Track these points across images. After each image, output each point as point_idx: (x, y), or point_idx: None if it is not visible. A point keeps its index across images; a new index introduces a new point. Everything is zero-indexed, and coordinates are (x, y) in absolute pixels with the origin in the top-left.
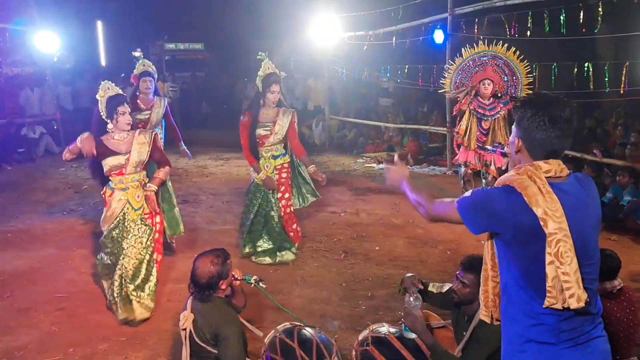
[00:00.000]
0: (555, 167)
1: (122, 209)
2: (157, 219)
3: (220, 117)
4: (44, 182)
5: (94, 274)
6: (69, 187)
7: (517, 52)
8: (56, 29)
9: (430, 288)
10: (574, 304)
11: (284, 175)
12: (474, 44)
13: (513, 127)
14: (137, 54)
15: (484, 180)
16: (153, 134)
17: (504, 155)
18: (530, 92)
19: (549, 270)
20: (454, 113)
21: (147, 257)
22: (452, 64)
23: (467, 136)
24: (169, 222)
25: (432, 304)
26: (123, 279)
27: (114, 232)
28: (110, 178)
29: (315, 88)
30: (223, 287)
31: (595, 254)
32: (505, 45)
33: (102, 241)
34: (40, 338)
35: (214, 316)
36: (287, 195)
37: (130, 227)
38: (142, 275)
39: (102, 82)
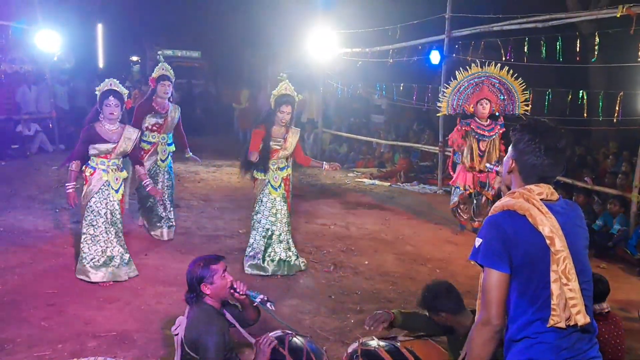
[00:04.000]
0: (546, 190)
1: (101, 187)
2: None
3: (213, 125)
4: (37, 178)
5: None
6: (61, 185)
7: (511, 71)
8: (58, 28)
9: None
10: (581, 320)
11: (287, 184)
12: (468, 67)
13: (509, 148)
14: (135, 58)
15: (475, 201)
16: (138, 133)
17: (498, 173)
18: (527, 108)
19: (554, 288)
20: (453, 149)
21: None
22: (447, 87)
23: (468, 157)
24: None
25: (422, 330)
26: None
27: (94, 205)
28: (92, 158)
29: (310, 101)
30: (207, 292)
31: (588, 272)
32: (498, 65)
33: (83, 213)
34: (30, 332)
35: (196, 324)
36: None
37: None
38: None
39: (107, 79)
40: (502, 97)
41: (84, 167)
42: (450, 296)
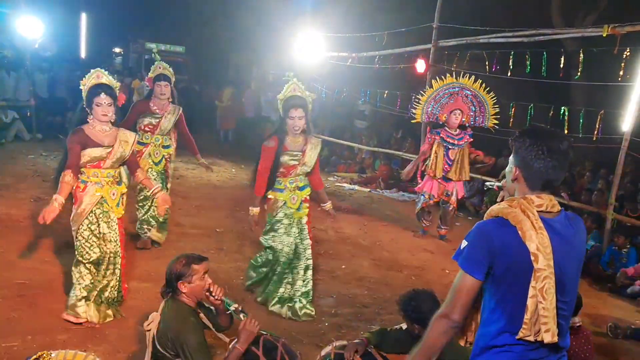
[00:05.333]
0: (547, 202)
1: (95, 206)
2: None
3: (195, 122)
4: (12, 167)
5: (57, 264)
6: (37, 175)
7: (484, 85)
8: (41, 15)
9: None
10: (547, 338)
11: (307, 207)
12: (443, 77)
13: (510, 157)
14: (118, 50)
15: (441, 210)
16: (135, 136)
17: (500, 188)
18: (497, 122)
19: (530, 304)
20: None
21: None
22: (422, 95)
23: (434, 166)
24: None
25: (394, 350)
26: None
27: (87, 230)
28: (82, 170)
29: None
30: (184, 290)
31: (572, 292)
32: (472, 77)
33: (76, 243)
34: None
35: (173, 322)
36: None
37: (110, 220)
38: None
39: (93, 70)
40: (473, 109)
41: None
42: (433, 307)
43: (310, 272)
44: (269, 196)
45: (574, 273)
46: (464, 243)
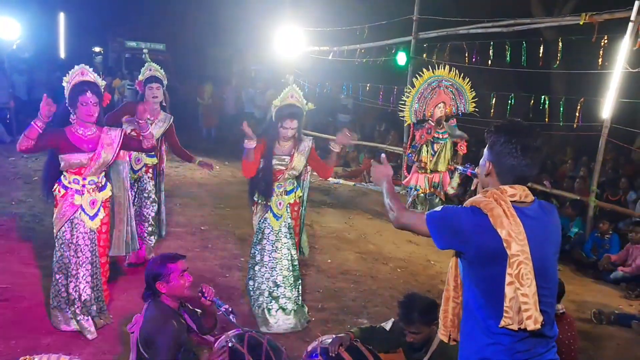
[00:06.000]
0: (520, 192)
1: (75, 213)
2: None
3: (178, 120)
4: None
5: (41, 267)
6: (18, 178)
7: (457, 71)
8: (17, 15)
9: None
10: (530, 325)
11: (295, 211)
12: (421, 72)
13: (485, 150)
14: (97, 49)
15: (428, 202)
16: (122, 132)
17: (474, 176)
18: (474, 104)
19: (508, 291)
20: (418, 144)
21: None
22: (407, 95)
23: (426, 159)
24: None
25: (380, 348)
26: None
27: (63, 235)
28: (64, 174)
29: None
30: (163, 290)
31: (553, 278)
32: (447, 67)
33: (55, 246)
34: None
35: (151, 323)
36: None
37: (82, 237)
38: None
39: (76, 66)
40: (453, 98)
41: (55, 185)
42: (431, 312)
43: (299, 282)
44: (255, 199)
45: (553, 259)
46: (439, 208)
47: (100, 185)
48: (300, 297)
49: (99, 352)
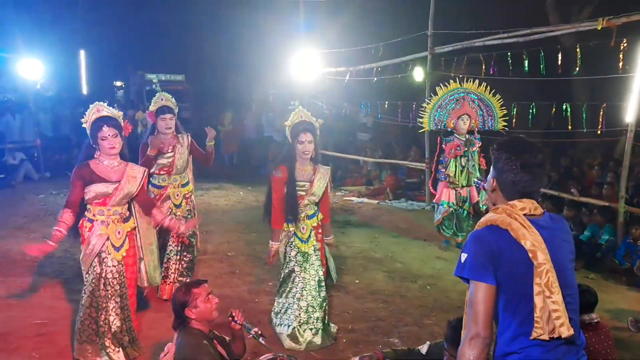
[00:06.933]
0: (529, 205)
1: (103, 246)
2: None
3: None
4: (23, 208)
5: (73, 301)
6: (49, 214)
7: (488, 88)
8: (40, 56)
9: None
10: (565, 332)
11: (320, 233)
12: (447, 83)
13: (491, 166)
14: (119, 83)
15: (456, 216)
16: (145, 172)
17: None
18: (506, 124)
19: (537, 301)
20: (447, 157)
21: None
22: (428, 102)
23: (454, 174)
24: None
25: None
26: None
27: (95, 270)
28: (88, 207)
29: None
30: (192, 316)
31: (573, 286)
32: (477, 81)
33: (85, 282)
34: None
35: (184, 348)
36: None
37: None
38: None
39: (92, 105)
40: (480, 113)
41: (81, 221)
42: None
43: (326, 303)
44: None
45: (570, 267)
46: (464, 255)
47: (125, 216)
48: (327, 317)
49: None
